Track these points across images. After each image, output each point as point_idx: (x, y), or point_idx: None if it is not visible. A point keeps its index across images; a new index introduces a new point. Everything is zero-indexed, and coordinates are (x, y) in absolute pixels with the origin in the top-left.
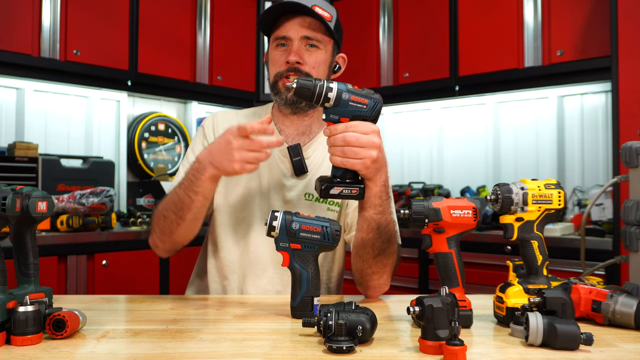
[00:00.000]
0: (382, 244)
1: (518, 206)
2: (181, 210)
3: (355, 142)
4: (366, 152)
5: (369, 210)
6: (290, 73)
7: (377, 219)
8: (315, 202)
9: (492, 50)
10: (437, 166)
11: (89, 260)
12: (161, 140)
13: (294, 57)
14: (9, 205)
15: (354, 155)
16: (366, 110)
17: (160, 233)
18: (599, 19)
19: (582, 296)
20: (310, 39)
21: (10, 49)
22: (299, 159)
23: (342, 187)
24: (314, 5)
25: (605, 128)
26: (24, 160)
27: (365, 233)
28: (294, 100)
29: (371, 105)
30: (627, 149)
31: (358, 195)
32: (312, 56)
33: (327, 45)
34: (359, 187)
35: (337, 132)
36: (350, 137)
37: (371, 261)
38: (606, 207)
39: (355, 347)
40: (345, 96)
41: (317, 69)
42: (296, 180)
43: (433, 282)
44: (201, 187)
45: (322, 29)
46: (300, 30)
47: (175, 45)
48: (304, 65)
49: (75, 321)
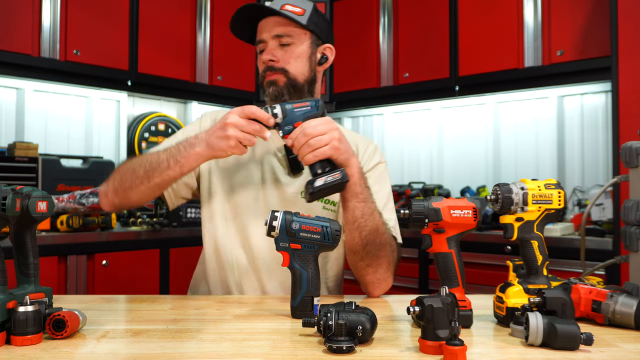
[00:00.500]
0: (370, 233)
1: (518, 206)
2: (153, 170)
3: (314, 132)
4: (329, 136)
5: (351, 200)
6: (267, 72)
7: (360, 207)
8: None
9: (492, 50)
10: (437, 166)
11: (89, 260)
12: (161, 141)
13: (267, 56)
14: (9, 205)
15: (319, 143)
16: (312, 109)
17: (118, 184)
18: (599, 19)
19: (582, 296)
20: (282, 36)
21: (10, 49)
22: (294, 156)
23: (325, 176)
24: (284, 4)
25: (605, 128)
26: (24, 160)
27: (350, 223)
28: (277, 95)
29: (313, 104)
30: (627, 149)
31: (342, 177)
32: (286, 52)
33: (303, 38)
34: (339, 170)
35: (296, 134)
36: (308, 129)
37: (362, 252)
38: (606, 207)
39: (355, 347)
40: (288, 106)
41: (293, 63)
42: (292, 178)
43: (433, 282)
44: (186, 159)
45: (293, 24)
46: (271, 30)
47: (175, 45)
48: (278, 62)
49: (75, 321)
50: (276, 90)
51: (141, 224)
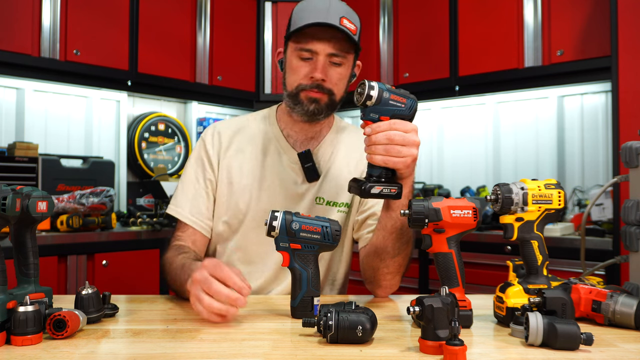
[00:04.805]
0: (402, 245)
1: (518, 206)
2: (181, 293)
3: (399, 140)
4: (409, 151)
5: (396, 210)
6: (314, 89)
7: (402, 219)
8: (327, 206)
9: (492, 50)
10: (437, 166)
11: (89, 260)
12: (161, 140)
13: (320, 74)
14: (9, 205)
15: (397, 154)
16: (404, 110)
17: (170, 283)
18: (599, 19)
19: (582, 296)
20: (336, 56)
21: (10, 49)
22: (311, 164)
23: (382, 187)
24: (342, 17)
25: (605, 128)
26: (24, 160)
27: (388, 232)
28: (315, 112)
29: (409, 104)
30: (627, 149)
31: (397, 194)
32: (336, 73)
33: (350, 59)
34: (397, 186)
35: (380, 129)
36: (394, 135)
37: (389, 261)
38: (606, 207)
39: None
40: (385, 95)
41: (338, 84)
42: (308, 185)
43: (433, 282)
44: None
45: (347, 45)
46: (326, 48)
47: (175, 45)
48: (328, 82)
49: (75, 321)
50: (316, 109)
51: (141, 224)
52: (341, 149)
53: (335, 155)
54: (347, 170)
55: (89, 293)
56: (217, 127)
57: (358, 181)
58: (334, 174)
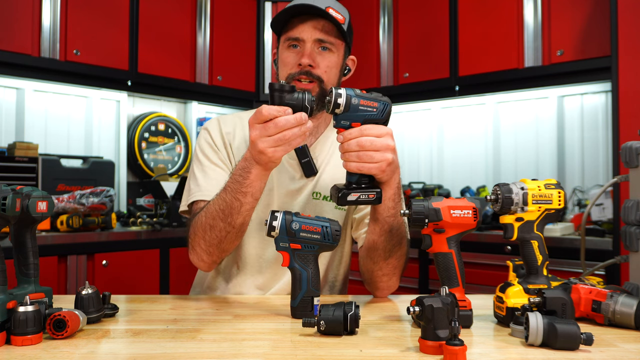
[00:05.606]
0: (394, 247)
1: (518, 206)
2: (230, 216)
3: (370, 146)
4: (382, 155)
5: (382, 213)
6: (302, 76)
7: (389, 222)
8: (323, 201)
9: (492, 50)
10: (437, 166)
11: (89, 260)
12: (161, 140)
13: (307, 59)
14: (9, 205)
15: (369, 160)
16: (376, 114)
17: (207, 245)
18: (599, 19)
19: (582, 296)
20: (323, 42)
21: (10, 49)
22: (307, 160)
23: (359, 193)
24: (328, 7)
25: (605, 128)
26: (24, 160)
27: (377, 235)
28: None
29: (381, 108)
30: (627, 149)
31: (375, 199)
32: (324, 59)
33: (339, 48)
34: (375, 192)
35: (351, 137)
36: (364, 141)
37: (382, 263)
38: (606, 207)
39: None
40: (354, 101)
41: (328, 72)
42: (305, 180)
43: (433, 282)
44: (250, 186)
45: (335, 32)
46: (313, 33)
47: (175, 45)
48: (316, 69)
49: (75, 321)
50: None
51: (141, 224)
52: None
53: (334, 152)
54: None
55: (89, 293)
56: (219, 118)
57: (337, 188)
58: (331, 170)
